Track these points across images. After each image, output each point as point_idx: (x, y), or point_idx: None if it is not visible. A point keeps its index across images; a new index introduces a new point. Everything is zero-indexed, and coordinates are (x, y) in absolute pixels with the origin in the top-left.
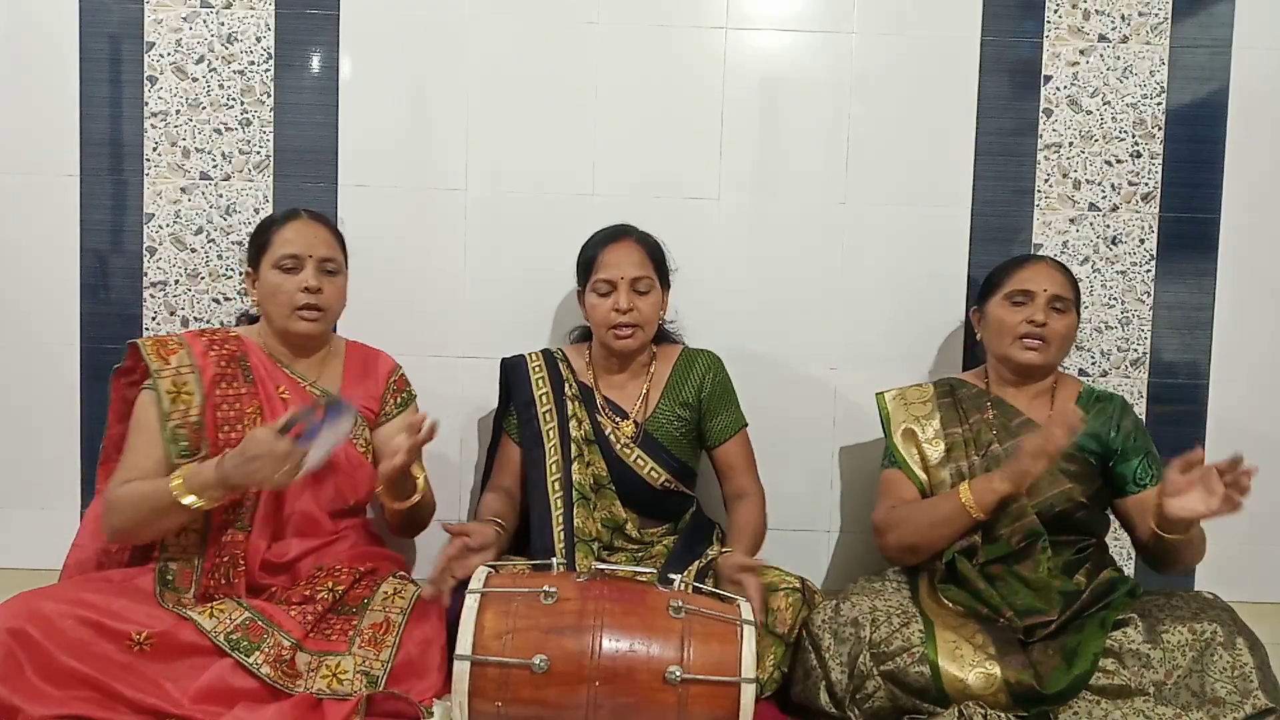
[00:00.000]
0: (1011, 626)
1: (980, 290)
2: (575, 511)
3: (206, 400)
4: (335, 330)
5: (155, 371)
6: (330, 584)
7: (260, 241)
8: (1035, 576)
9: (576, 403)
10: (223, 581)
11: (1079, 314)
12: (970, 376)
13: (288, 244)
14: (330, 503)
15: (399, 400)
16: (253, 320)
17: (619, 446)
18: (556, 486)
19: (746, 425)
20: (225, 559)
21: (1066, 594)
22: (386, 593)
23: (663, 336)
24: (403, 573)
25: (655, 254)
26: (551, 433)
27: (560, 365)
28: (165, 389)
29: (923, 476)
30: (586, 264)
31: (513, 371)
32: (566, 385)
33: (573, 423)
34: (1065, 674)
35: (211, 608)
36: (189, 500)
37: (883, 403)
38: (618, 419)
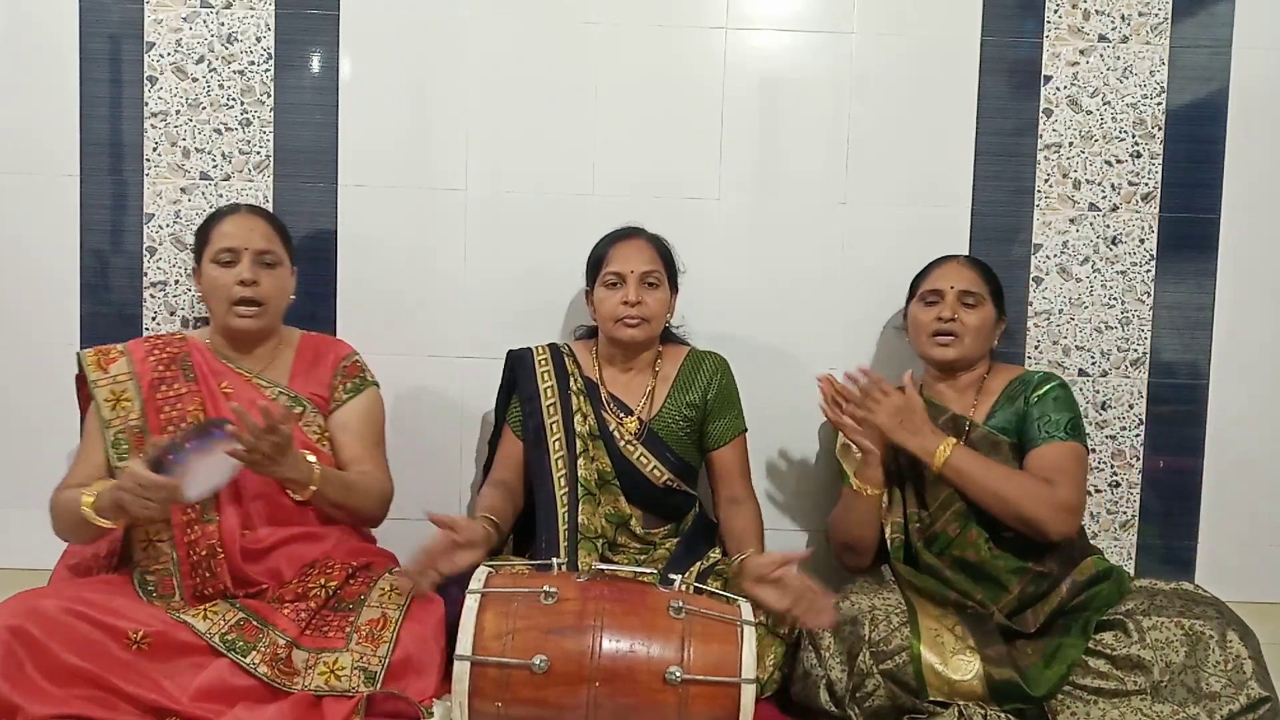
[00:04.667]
0: (989, 616)
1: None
2: (580, 507)
3: (146, 405)
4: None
5: (93, 382)
6: (323, 581)
7: (201, 237)
8: (978, 559)
9: (582, 397)
10: (207, 575)
11: (999, 308)
12: None
13: (225, 238)
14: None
15: (349, 386)
16: (209, 322)
17: (623, 443)
18: (562, 482)
19: (746, 431)
20: (203, 553)
21: (1018, 570)
22: (383, 588)
23: (669, 337)
24: (399, 569)
25: (665, 253)
26: (555, 426)
27: (566, 359)
28: (104, 397)
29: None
30: (596, 260)
31: (518, 363)
32: (572, 379)
33: (577, 417)
34: (1041, 671)
35: (205, 609)
36: (95, 518)
37: None
38: (622, 415)
